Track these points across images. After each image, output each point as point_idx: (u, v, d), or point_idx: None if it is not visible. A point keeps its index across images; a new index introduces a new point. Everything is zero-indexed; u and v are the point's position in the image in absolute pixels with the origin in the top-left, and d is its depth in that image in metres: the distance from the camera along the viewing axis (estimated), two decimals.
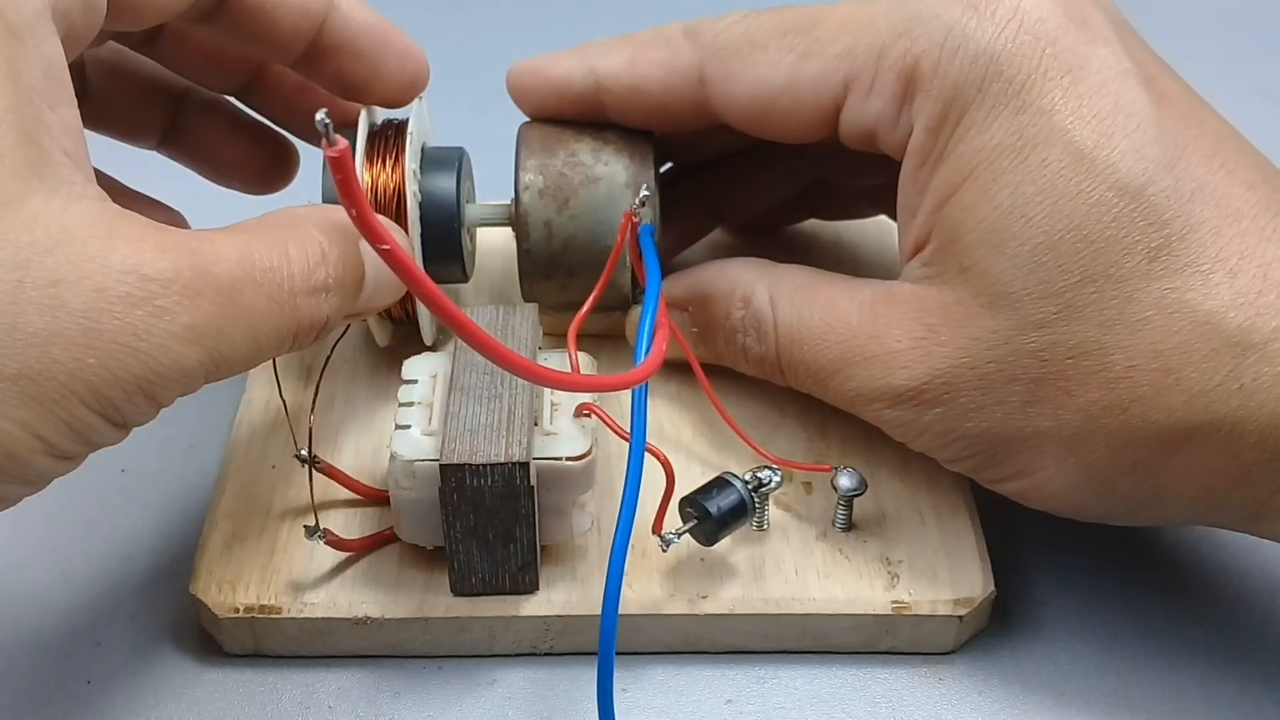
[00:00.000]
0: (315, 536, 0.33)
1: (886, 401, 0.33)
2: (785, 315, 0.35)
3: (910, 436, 0.34)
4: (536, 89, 0.38)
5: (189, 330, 0.26)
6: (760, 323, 0.36)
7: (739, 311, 0.36)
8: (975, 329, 0.31)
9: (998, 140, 0.31)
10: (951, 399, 0.32)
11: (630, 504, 0.31)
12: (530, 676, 0.34)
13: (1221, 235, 0.30)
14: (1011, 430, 0.32)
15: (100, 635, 0.35)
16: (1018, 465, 0.32)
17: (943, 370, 0.32)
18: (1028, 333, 0.31)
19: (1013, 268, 0.31)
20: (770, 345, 0.36)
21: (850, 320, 0.34)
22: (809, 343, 0.34)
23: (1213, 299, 0.30)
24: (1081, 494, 0.32)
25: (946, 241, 0.32)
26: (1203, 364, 0.30)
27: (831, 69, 0.34)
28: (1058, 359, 0.31)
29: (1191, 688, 0.34)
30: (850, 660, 0.35)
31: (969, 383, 0.32)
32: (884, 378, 0.33)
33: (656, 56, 0.37)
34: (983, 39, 0.31)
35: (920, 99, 0.32)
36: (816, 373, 0.35)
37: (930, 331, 0.32)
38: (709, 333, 0.38)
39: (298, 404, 0.38)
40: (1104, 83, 0.31)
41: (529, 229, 0.38)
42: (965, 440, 0.32)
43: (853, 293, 0.34)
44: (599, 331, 0.40)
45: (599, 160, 0.38)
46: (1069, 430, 0.31)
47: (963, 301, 0.32)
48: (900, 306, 0.33)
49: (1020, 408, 0.31)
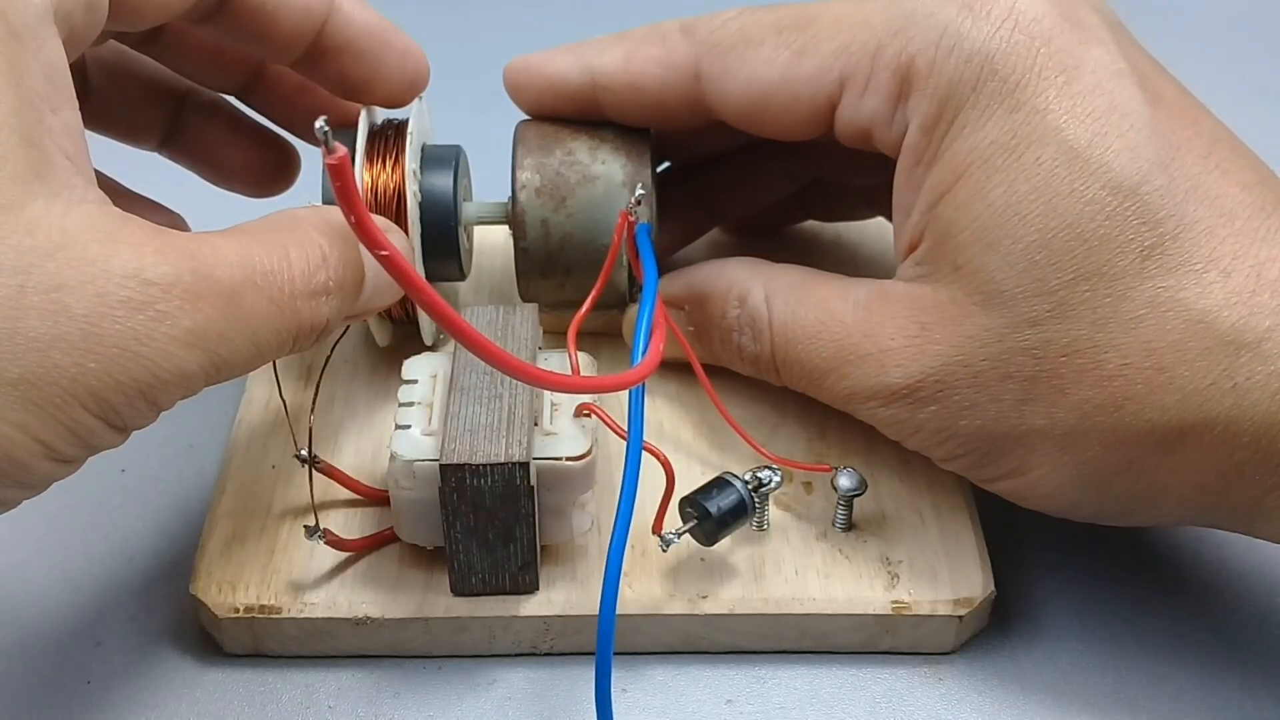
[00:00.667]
0: (315, 536, 0.33)
1: (881, 400, 0.33)
2: (780, 314, 0.35)
3: (905, 435, 0.34)
4: (532, 86, 0.38)
5: (190, 335, 0.26)
6: (755, 321, 0.36)
7: (734, 310, 0.36)
8: (969, 327, 0.31)
9: (991, 139, 0.31)
10: (945, 397, 0.32)
11: (628, 503, 0.31)
12: (530, 676, 0.34)
13: (1215, 235, 0.30)
14: (1005, 428, 0.32)
15: (100, 635, 0.35)
16: (1011, 464, 0.32)
17: (936, 368, 0.32)
18: (1021, 330, 0.31)
19: (1006, 265, 0.31)
20: (765, 344, 0.36)
21: (844, 319, 0.34)
22: (803, 341, 0.34)
23: (1206, 298, 0.30)
24: (1075, 493, 0.32)
25: (940, 240, 0.32)
26: (1196, 362, 0.30)
27: (827, 66, 0.34)
28: (1051, 357, 0.31)
29: (1191, 688, 0.34)
30: (850, 660, 0.35)
31: (963, 381, 0.32)
32: (878, 376, 0.33)
33: (652, 53, 0.37)
34: (978, 38, 0.31)
35: (915, 98, 0.32)
36: (811, 371, 0.35)
37: (924, 330, 0.32)
38: (705, 331, 0.38)
39: (298, 404, 0.38)
40: (1099, 82, 0.31)
41: (526, 227, 0.38)
42: (959, 438, 0.33)
43: (847, 292, 0.34)
44: (597, 329, 0.40)
45: (596, 159, 0.38)
46: (1062, 428, 0.31)
47: (956, 300, 0.32)
48: (894, 305, 0.33)
49: (1014, 406, 0.31)
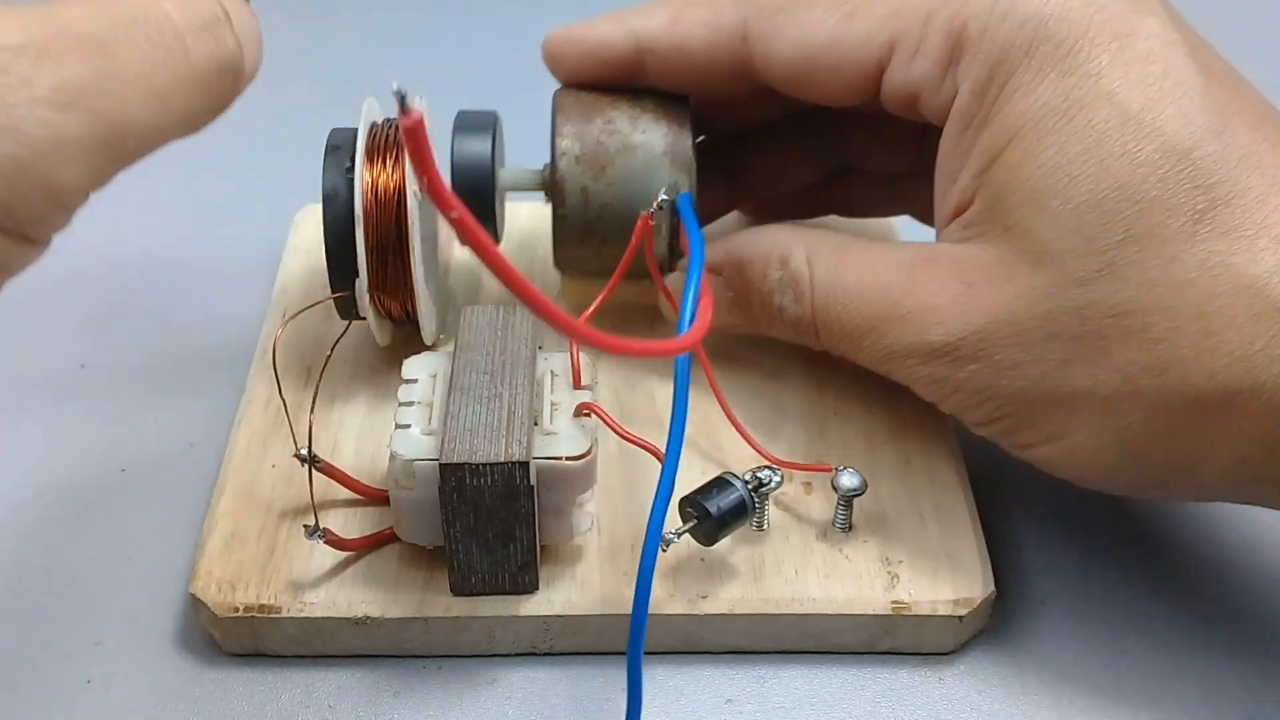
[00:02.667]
0: (315, 536, 0.33)
1: (920, 358, 0.33)
2: (822, 275, 0.35)
3: (943, 395, 0.33)
4: (573, 54, 0.38)
5: (57, 93, 0.23)
6: (797, 282, 0.35)
7: (776, 273, 0.36)
8: (1016, 286, 0.31)
9: (1044, 102, 0.31)
10: (987, 356, 0.32)
11: (671, 469, 0.31)
12: (530, 676, 0.34)
13: (1267, 203, 0.30)
14: (1047, 389, 0.31)
15: (100, 635, 0.35)
16: (1051, 428, 0.32)
17: (980, 326, 0.32)
18: (1069, 290, 0.31)
19: (1056, 225, 0.31)
20: (806, 305, 0.35)
21: (887, 279, 0.34)
22: (845, 302, 0.34)
23: (1257, 264, 0.30)
24: (1114, 459, 0.32)
25: (991, 202, 0.32)
26: (1245, 328, 0.30)
27: (877, 29, 0.34)
28: (1098, 317, 0.30)
29: (1192, 688, 0.34)
30: (850, 660, 0.35)
31: (1007, 339, 0.31)
32: (919, 334, 0.33)
33: (699, 15, 0.37)
34: (1032, 3, 0.31)
35: (966, 62, 0.32)
36: (851, 331, 0.34)
37: (970, 288, 0.32)
38: (745, 296, 0.37)
39: (298, 404, 0.38)
40: (1152, 50, 0.31)
41: (565, 194, 0.38)
42: (999, 399, 0.32)
43: (890, 253, 0.34)
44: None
45: (636, 128, 0.38)
46: (1105, 390, 0.31)
47: (1005, 260, 0.32)
48: (939, 265, 0.33)
49: (1058, 366, 0.31)
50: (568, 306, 0.40)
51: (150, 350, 0.44)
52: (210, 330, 0.44)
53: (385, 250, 0.37)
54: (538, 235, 0.45)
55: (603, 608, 0.34)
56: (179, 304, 0.46)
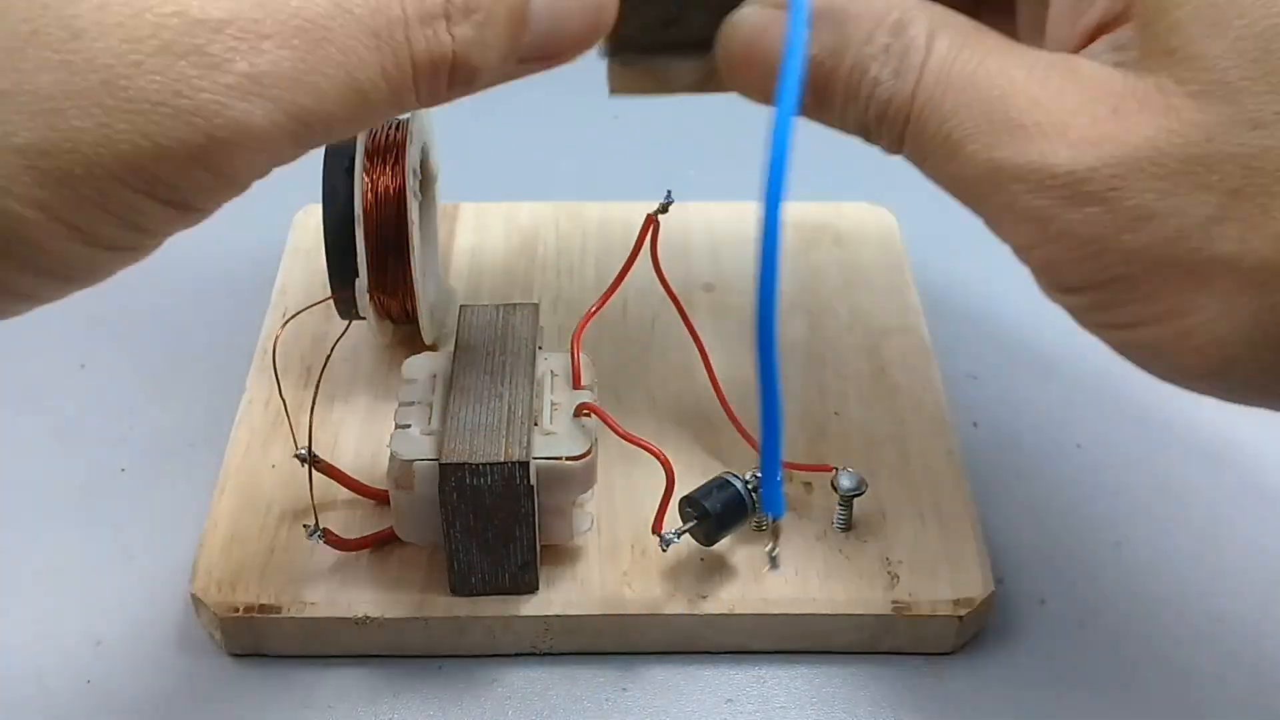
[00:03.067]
0: (315, 536, 0.33)
1: (1032, 184, 0.26)
2: (940, 53, 0.28)
3: (1037, 240, 0.27)
4: None
5: (249, 81, 0.22)
6: (908, 54, 0.28)
7: (884, 38, 0.28)
8: (1173, 120, 0.26)
9: None
10: (1116, 199, 0.26)
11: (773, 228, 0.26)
12: (530, 676, 0.34)
13: None
14: (1180, 252, 0.26)
15: (100, 635, 0.35)
16: (1169, 302, 0.26)
17: (1119, 159, 0.26)
18: (1239, 132, 0.25)
19: (1235, 52, 0.25)
20: (908, 84, 0.28)
21: (1016, 77, 0.27)
22: (958, 91, 0.27)
23: None
24: (1239, 348, 0.26)
25: (1151, 18, 0.26)
26: None
27: None
28: (1268, 170, 0.25)
29: (1192, 688, 0.34)
30: (850, 660, 0.35)
31: (1147, 183, 0.26)
32: (1040, 154, 0.26)
33: None
34: None
35: None
36: (950, 132, 0.27)
37: (1115, 114, 0.26)
38: (833, 56, 0.29)
39: (298, 404, 0.38)
40: None
41: None
42: (1112, 257, 0.26)
43: (1026, 54, 0.28)
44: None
45: None
46: (1254, 260, 0.25)
47: (1164, 88, 0.26)
48: (1082, 82, 0.27)
49: (1202, 224, 0.25)
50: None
51: (150, 350, 0.44)
52: (210, 330, 0.44)
53: (385, 250, 0.37)
54: (538, 235, 0.45)
55: (603, 608, 0.34)
56: (179, 304, 0.46)
